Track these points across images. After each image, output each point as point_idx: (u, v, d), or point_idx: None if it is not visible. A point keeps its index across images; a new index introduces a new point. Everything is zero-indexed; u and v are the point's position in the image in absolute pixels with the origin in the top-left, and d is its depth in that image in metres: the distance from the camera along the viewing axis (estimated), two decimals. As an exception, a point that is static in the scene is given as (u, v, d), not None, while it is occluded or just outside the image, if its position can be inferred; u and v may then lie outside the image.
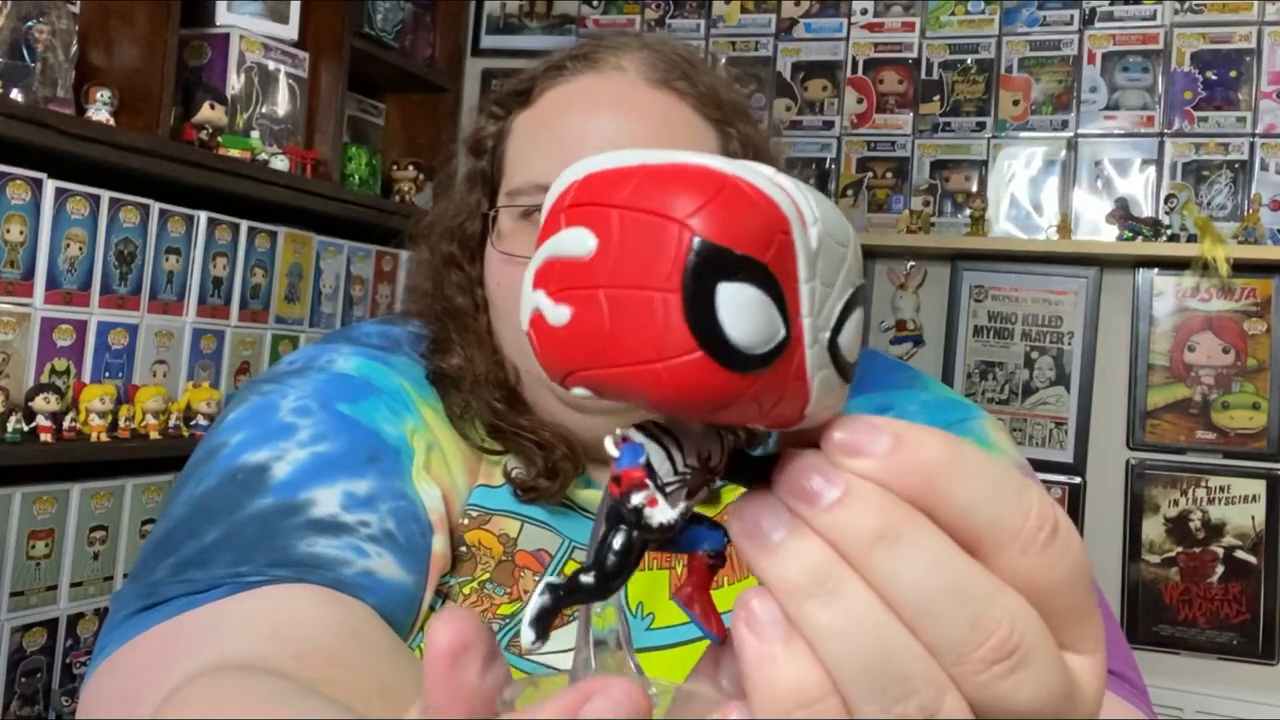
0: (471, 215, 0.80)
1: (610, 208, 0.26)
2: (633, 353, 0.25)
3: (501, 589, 0.72)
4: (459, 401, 0.76)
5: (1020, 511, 0.26)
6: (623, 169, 0.27)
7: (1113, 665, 0.64)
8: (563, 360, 0.27)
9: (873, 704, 0.26)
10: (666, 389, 0.25)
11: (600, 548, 0.27)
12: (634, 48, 0.78)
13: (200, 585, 0.59)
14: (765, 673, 0.26)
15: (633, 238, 0.26)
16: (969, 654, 0.26)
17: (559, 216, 0.27)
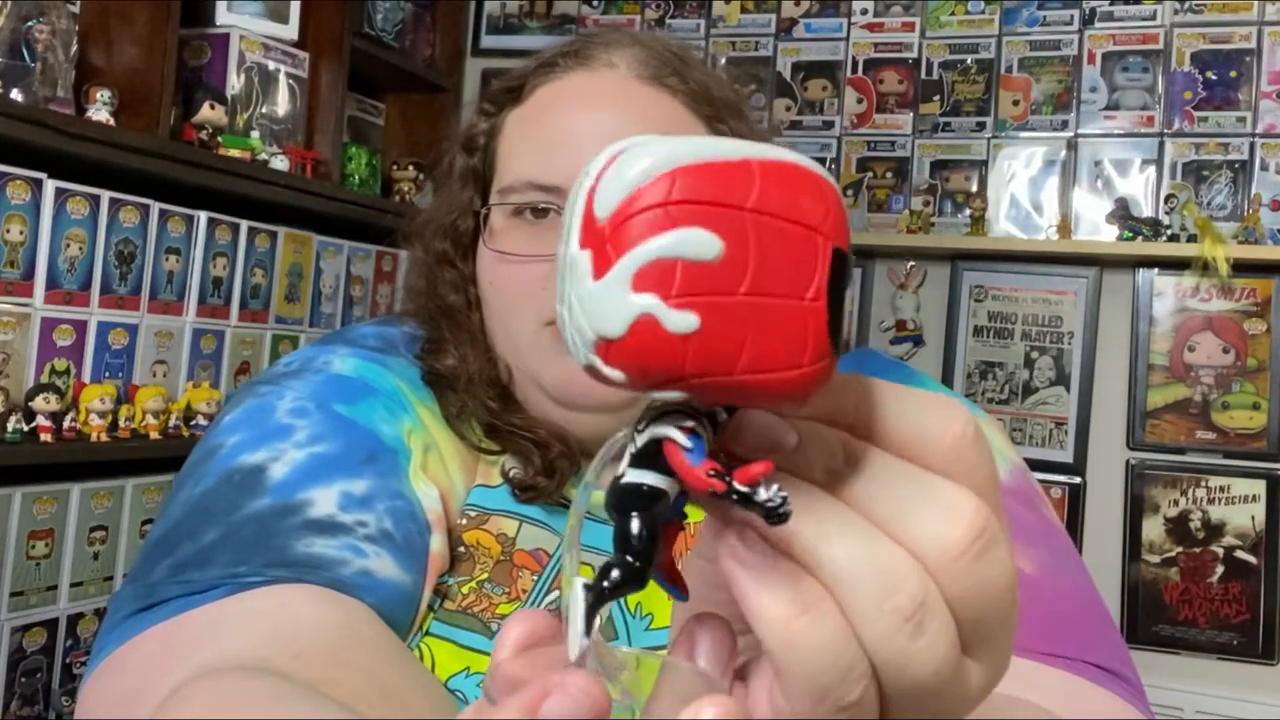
0: (464, 213, 0.80)
1: (738, 210, 0.25)
2: (770, 360, 0.26)
3: (500, 588, 0.72)
4: (455, 402, 0.76)
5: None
6: (730, 163, 0.26)
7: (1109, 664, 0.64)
8: (676, 367, 0.26)
9: (867, 598, 0.27)
10: (796, 393, 0.26)
11: (625, 537, 0.28)
12: (625, 44, 0.78)
13: (199, 586, 0.59)
14: (761, 594, 0.27)
15: (772, 245, 0.26)
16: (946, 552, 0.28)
17: (662, 213, 0.25)
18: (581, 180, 0.27)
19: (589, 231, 0.26)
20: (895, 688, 0.28)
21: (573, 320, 0.26)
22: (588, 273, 0.26)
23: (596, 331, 0.26)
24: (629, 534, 0.28)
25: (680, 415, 0.28)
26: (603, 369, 0.26)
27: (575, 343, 0.27)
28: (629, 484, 0.28)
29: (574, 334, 0.27)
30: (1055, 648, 0.62)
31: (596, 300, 0.25)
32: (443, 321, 0.80)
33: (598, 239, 0.26)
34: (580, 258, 0.26)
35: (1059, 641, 0.63)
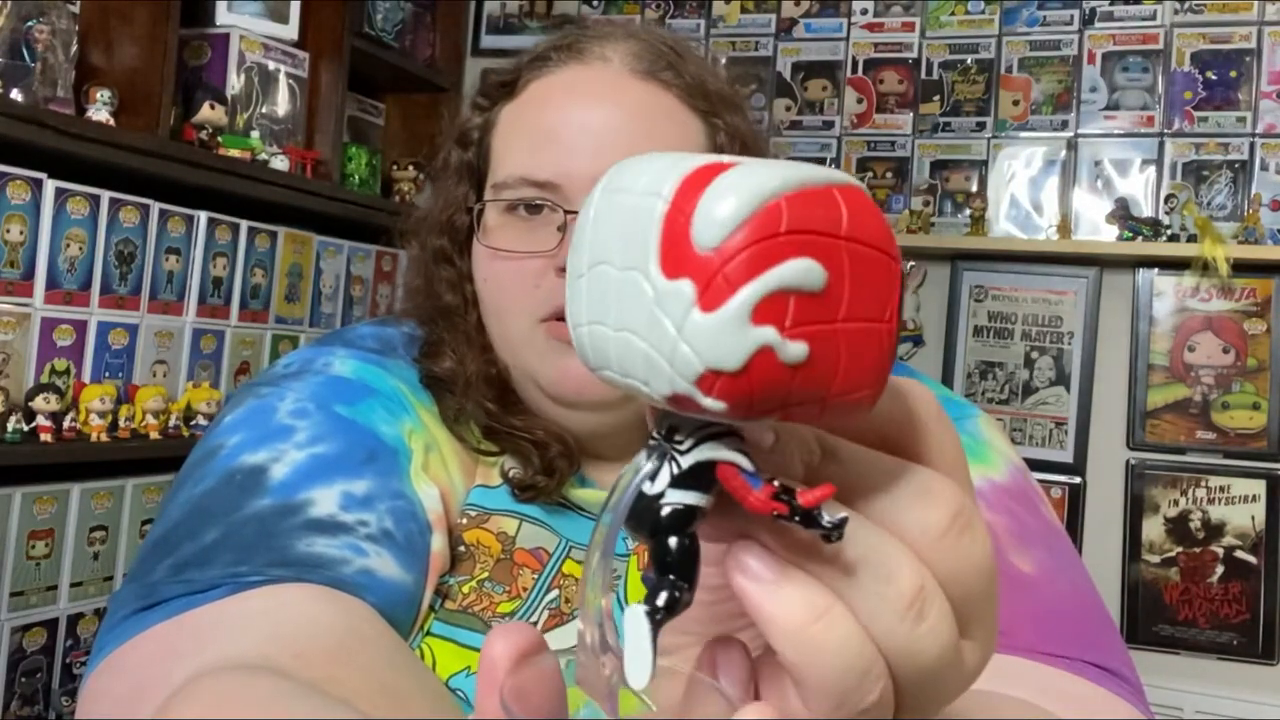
0: (459, 209, 0.79)
1: (834, 238, 0.26)
2: (857, 381, 0.26)
3: (501, 587, 0.72)
4: (453, 405, 0.76)
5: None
6: (819, 190, 0.26)
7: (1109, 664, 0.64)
8: (782, 397, 0.26)
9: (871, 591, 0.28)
10: (869, 409, 0.27)
11: (672, 558, 0.28)
12: (619, 38, 0.77)
13: (199, 585, 0.59)
14: (776, 605, 0.27)
15: (862, 273, 0.26)
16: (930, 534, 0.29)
17: (779, 243, 0.25)
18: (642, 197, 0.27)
19: (685, 261, 0.25)
20: (905, 678, 0.29)
21: (664, 351, 0.26)
22: (692, 304, 0.25)
23: (708, 364, 0.25)
24: (676, 555, 0.28)
25: (727, 437, 0.28)
26: (701, 400, 0.26)
27: (663, 372, 0.26)
28: (675, 506, 0.28)
29: (663, 364, 0.26)
30: (1055, 647, 0.62)
31: (710, 333, 0.25)
32: (440, 322, 0.80)
33: (703, 269, 0.25)
34: (678, 288, 0.25)
35: (1059, 641, 0.63)
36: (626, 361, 0.27)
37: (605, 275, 0.27)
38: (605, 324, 0.27)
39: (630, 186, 0.27)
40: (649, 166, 0.27)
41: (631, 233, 0.26)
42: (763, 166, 0.26)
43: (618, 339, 0.27)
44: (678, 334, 0.25)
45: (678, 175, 0.26)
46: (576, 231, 0.29)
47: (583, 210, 0.29)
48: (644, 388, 0.27)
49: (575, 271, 0.29)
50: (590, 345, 0.28)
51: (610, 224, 0.27)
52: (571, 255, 0.29)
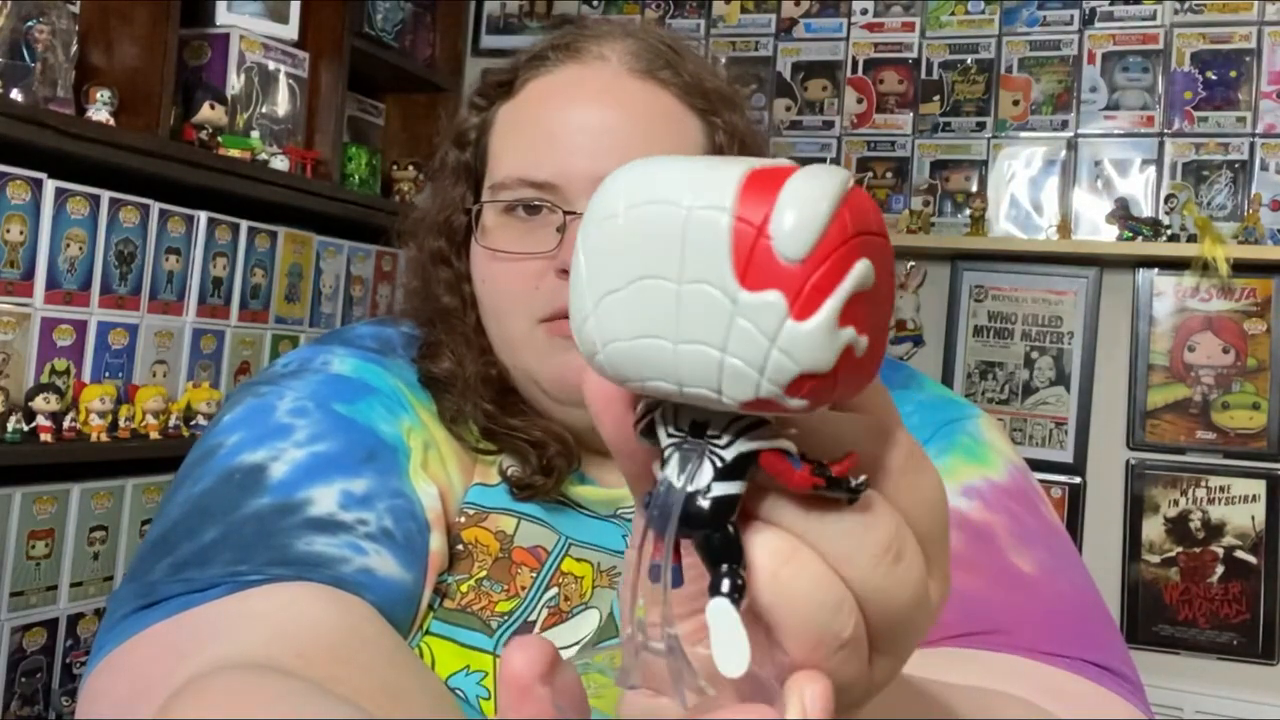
0: (457, 209, 0.79)
1: (870, 235, 0.28)
2: (878, 359, 0.29)
3: (499, 586, 0.72)
4: (451, 405, 0.76)
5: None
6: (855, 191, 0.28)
7: (1109, 663, 0.64)
8: (856, 390, 0.29)
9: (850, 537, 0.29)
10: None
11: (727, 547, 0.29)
12: (617, 37, 0.77)
13: (199, 584, 0.59)
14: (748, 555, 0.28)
15: (885, 261, 0.28)
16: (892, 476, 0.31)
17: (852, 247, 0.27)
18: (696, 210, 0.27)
19: (770, 273, 0.26)
20: (880, 618, 0.30)
21: (753, 360, 0.27)
22: (784, 314, 0.26)
23: (804, 368, 0.27)
24: (728, 544, 0.29)
25: (760, 426, 0.29)
26: (788, 401, 0.27)
27: (749, 380, 0.27)
28: (723, 497, 0.29)
29: (751, 372, 0.27)
30: (1055, 647, 0.62)
31: (807, 340, 0.26)
32: (438, 323, 0.79)
33: (792, 280, 0.26)
34: (766, 300, 0.26)
35: (1059, 641, 0.63)
36: (697, 373, 0.27)
37: (658, 289, 0.28)
38: (660, 337, 0.28)
39: (666, 197, 0.28)
40: (683, 174, 0.28)
41: (692, 246, 0.27)
42: (815, 176, 0.27)
43: (681, 350, 0.27)
44: (770, 343, 0.27)
45: (732, 185, 0.27)
46: (595, 243, 0.29)
47: (603, 224, 0.29)
48: (713, 395, 0.27)
49: (604, 286, 0.29)
50: (628, 359, 0.28)
51: (652, 237, 0.28)
52: (593, 273, 0.29)
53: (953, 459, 0.72)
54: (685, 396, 0.28)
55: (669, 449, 0.29)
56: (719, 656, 0.28)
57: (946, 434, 0.74)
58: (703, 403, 0.28)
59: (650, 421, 0.30)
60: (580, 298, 0.29)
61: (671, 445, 0.29)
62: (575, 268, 0.29)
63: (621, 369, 0.29)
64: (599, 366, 0.30)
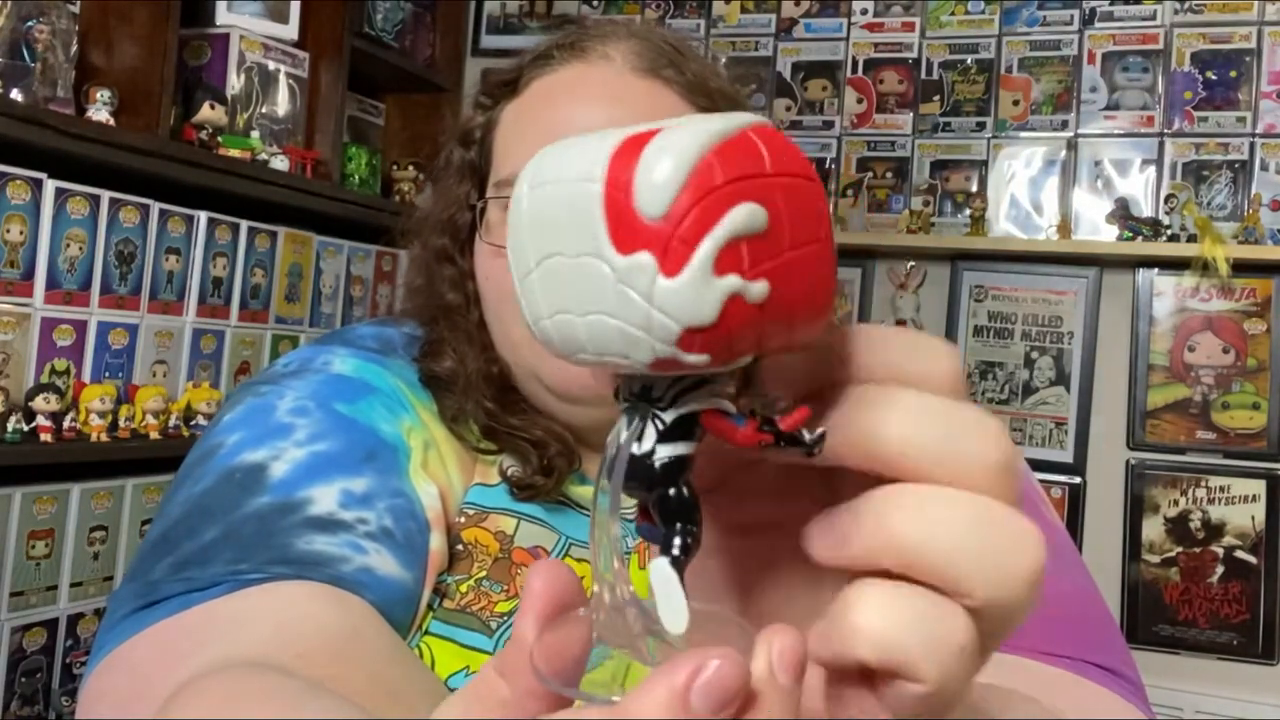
0: (461, 207, 0.79)
1: (766, 178, 0.27)
2: (812, 301, 0.28)
3: (499, 586, 0.72)
4: (452, 404, 0.76)
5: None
6: (736, 138, 0.27)
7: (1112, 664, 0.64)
8: (756, 336, 0.28)
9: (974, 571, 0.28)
10: (827, 322, 0.29)
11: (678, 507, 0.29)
12: (621, 36, 0.77)
13: (200, 583, 0.59)
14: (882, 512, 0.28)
15: (794, 202, 0.28)
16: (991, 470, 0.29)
17: (720, 196, 0.26)
18: (575, 184, 0.27)
19: (637, 234, 0.26)
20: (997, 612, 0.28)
21: (638, 323, 0.27)
22: (655, 273, 0.26)
23: (684, 325, 0.26)
24: (681, 503, 0.29)
25: (701, 386, 0.29)
26: (685, 358, 0.27)
27: (642, 343, 0.27)
28: (666, 459, 0.29)
29: (640, 335, 0.27)
30: (1057, 647, 0.62)
31: (680, 295, 0.26)
32: (441, 320, 0.80)
33: (658, 238, 0.26)
34: (637, 261, 0.26)
35: (1061, 641, 0.63)
36: (601, 342, 0.28)
37: (558, 265, 0.28)
38: (570, 312, 0.28)
39: (558, 176, 0.28)
40: (570, 154, 0.28)
41: (575, 220, 0.27)
42: (681, 128, 0.27)
43: (587, 323, 0.28)
44: (648, 304, 0.26)
45: (605, 155, 0.27)
46: (511, 232, 0.30)
47: (513, 210, 0.30)
48: (624, 361, 0.28)
49: (523, 270, 0.30)
50: (557, 335, 0.29)
51: (548, 216, 0.28)
52: (514, 257, 0.30)
53: None
54: (606, 365, 0.29)
55: (622, 414, 0.30)
56: (663, 615, 0.28)
57: None
58: (617, 369, 0.29)
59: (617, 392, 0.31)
60: (514, 282, 0.30)
61: (624, 410, 0.30)
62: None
63: (552, 346, 0.30)
64: (542, 343, 0.30)
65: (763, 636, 0.27)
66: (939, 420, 0.28)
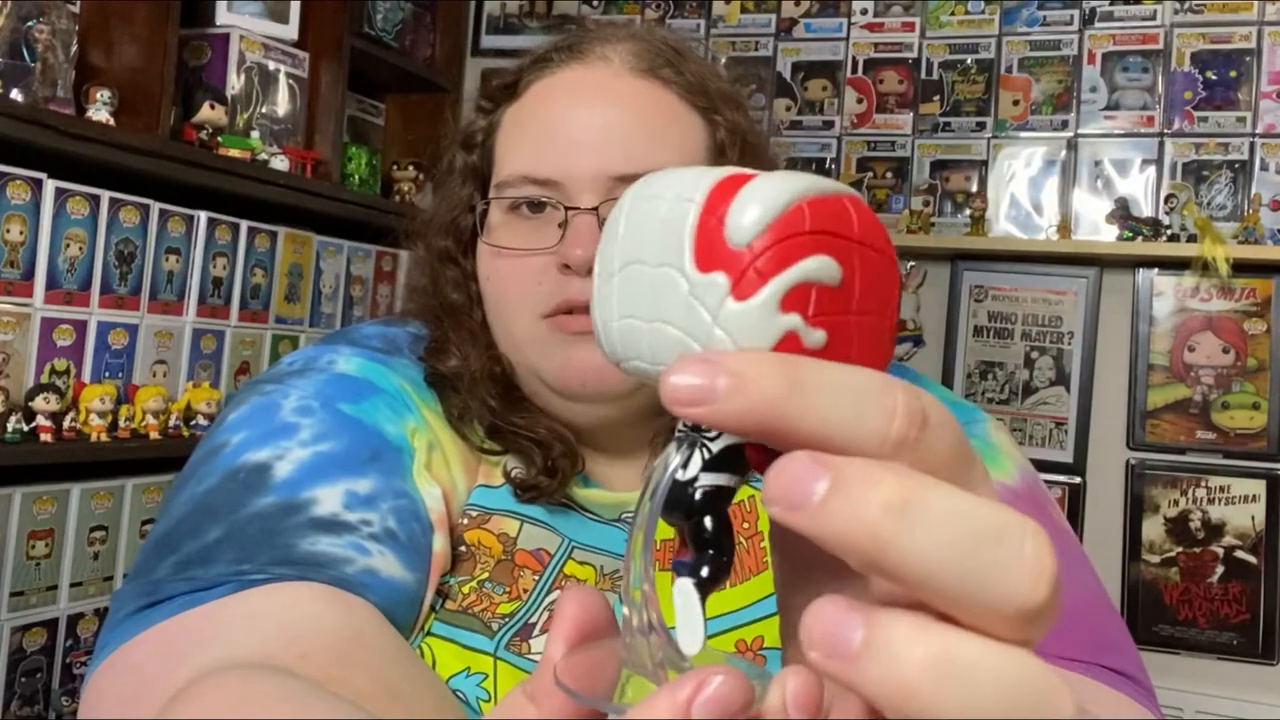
0: (464, 210, 0.80)
1: (848, 240, 0.29)
2: (869, 361, 0.29)
3: (501, 588, 0.72)
4: (457, 404, 0.76)
5: (885, 413, 0.26)
6: (834, 198, 0.29)
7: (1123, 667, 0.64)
8: None
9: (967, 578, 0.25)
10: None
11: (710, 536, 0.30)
12: (620, 38, 0.78)
13: (202, 583, 0.59)
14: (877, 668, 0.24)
15: (870, 272, 0.30)
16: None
17: (804, 241, 0.28)
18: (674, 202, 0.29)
19: (719, 256, 0.28)
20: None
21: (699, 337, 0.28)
22: (726, 294, 0.28)
23: (740, 346, 0.28)
24: (714, 533, 0.30)
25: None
26: None
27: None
28: (708, 488, 0.30)
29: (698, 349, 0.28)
30: (1067, 650, 0.62)
31: (743, 319, 0.28)
32: (445, 320, 0.80)
33: (736, 263, 0.28)
34: (713, 280, 0.28)
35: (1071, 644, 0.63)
36: (659, 350, 0.29)
37: (639, 273, 0.30)
38: (638, 317, 0.30)
39: (661, 193, 0.30)
40: (679, 176, 0.30)
41: (665, 234, 0.29)
42: (785, 176, 0.29)
43: (651, 329, 0.30)
44: (713, 321, 0.28)
45: (708, 182, 0.29)
46: (606, 234, 0.31)
47: (612, 214, 0.32)
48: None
49: (606, 271, 0.31)
50: (620, 339, 0.31)
51: (642, 227, 0.30)
52: (601, 256, 0.31)
53: None
54: (653, 376, 0.30)
55: (673, 442, 0.31)
56: (680, 634, 0.29)
57: None
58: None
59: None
60: (596, 279, 0.32)
61: (675, 439, 0.31)
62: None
63: (613, 348, 0.31)
64: (601, 347, 0.32)
65: (777, 678, 0.27)
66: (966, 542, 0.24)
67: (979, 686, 0.24)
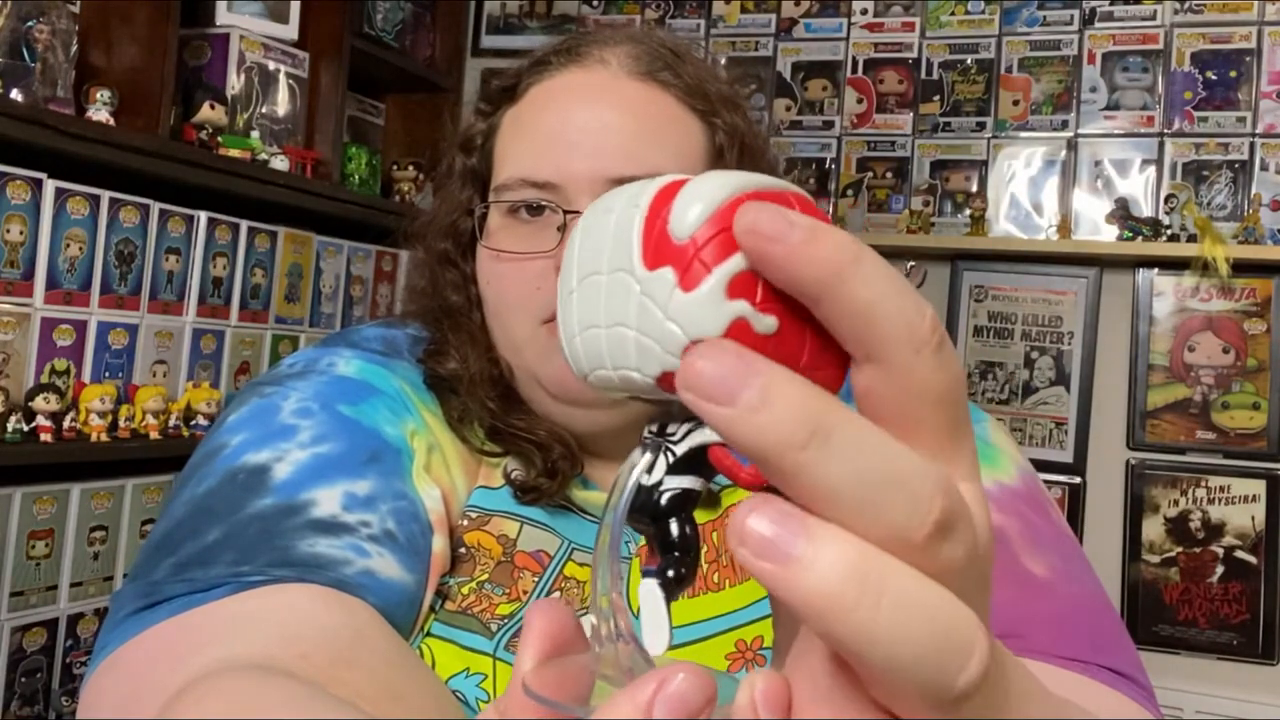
0: (463, 213, 0.80)
1: None
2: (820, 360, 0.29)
3: (500, 589, 0.72)
4: (457, 406, 0.76)
5: (919, 311, 0.27)
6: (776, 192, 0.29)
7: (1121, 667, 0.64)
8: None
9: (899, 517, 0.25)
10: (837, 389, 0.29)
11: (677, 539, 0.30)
12: (618, 41, 0.78)
13: (201, 585, 0.59)
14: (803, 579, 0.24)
15: None
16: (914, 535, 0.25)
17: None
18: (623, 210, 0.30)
19: (665, 252, 0.29)
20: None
21: (653, 332, 0.29)
22: (673, 286, 0.28)
23: (691, 336, 0.28)
24: (680, 536, 0.31)
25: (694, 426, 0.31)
26: None
27: (653, 353, 0.29)
28: (673, 491, 0.30)
29: (653, 344, 0.29)
30: (1068, 650, 0.62)
31: (692, 308, 0.28)
32: (445, 322, 0.80)
33: (681, 256, 0.28)
34: (661, 275, 0.29)
35: (1071, 644, 0.63)
36: (618, 353, 0.30)
37: (595, 284, 0.30)
38: (598, 325, 0.30)
39: (611, 206, 0.31)
40: (628, 189, 0.31)
41: (616, 241, 0.30)
42: (726, 174, 0.29)
43: (609, 334, 0.30)
44: (664, 314, 0.28)
45: (654, 188, 0.30)
46: (566, 254, 0.32)
47: (571, 235, 0.32)
48: (636, 375, 0.29)
49: (566, 288, 0.31)
50: (584, 350, 0.31)
51: (596, 238, 0.31)
52: (562, 274, 0.32)
53: None
54: (618, 383, 0.30)
55: (638, 449, 0.31)
56: (646, 635, 0.29)
57: None
58: (630, 385, 0.30)
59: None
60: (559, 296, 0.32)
61: (640, 446, 0.31)
62: None
63: (578, 362, 0.31)
64: (569, 365, 0.32)
65: (746, 679, 0.27)
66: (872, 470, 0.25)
67: (899, 610, 0.24)
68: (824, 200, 2.60)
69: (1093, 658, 0.63)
